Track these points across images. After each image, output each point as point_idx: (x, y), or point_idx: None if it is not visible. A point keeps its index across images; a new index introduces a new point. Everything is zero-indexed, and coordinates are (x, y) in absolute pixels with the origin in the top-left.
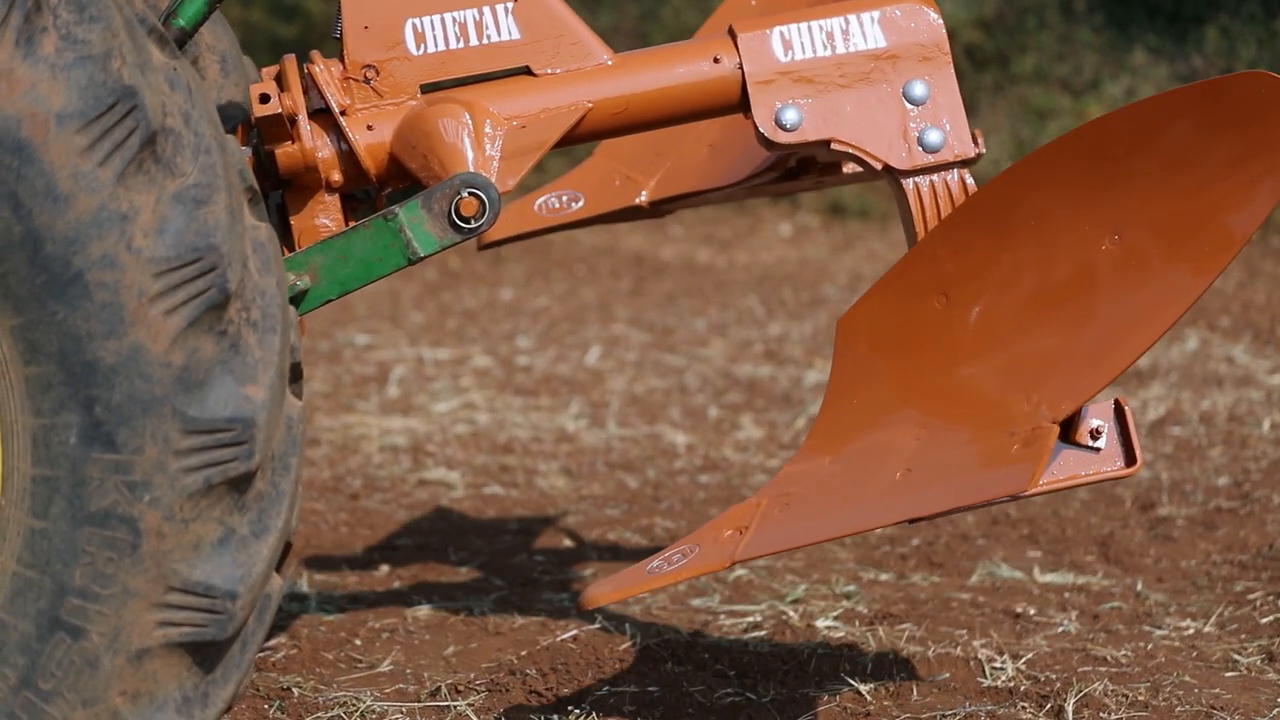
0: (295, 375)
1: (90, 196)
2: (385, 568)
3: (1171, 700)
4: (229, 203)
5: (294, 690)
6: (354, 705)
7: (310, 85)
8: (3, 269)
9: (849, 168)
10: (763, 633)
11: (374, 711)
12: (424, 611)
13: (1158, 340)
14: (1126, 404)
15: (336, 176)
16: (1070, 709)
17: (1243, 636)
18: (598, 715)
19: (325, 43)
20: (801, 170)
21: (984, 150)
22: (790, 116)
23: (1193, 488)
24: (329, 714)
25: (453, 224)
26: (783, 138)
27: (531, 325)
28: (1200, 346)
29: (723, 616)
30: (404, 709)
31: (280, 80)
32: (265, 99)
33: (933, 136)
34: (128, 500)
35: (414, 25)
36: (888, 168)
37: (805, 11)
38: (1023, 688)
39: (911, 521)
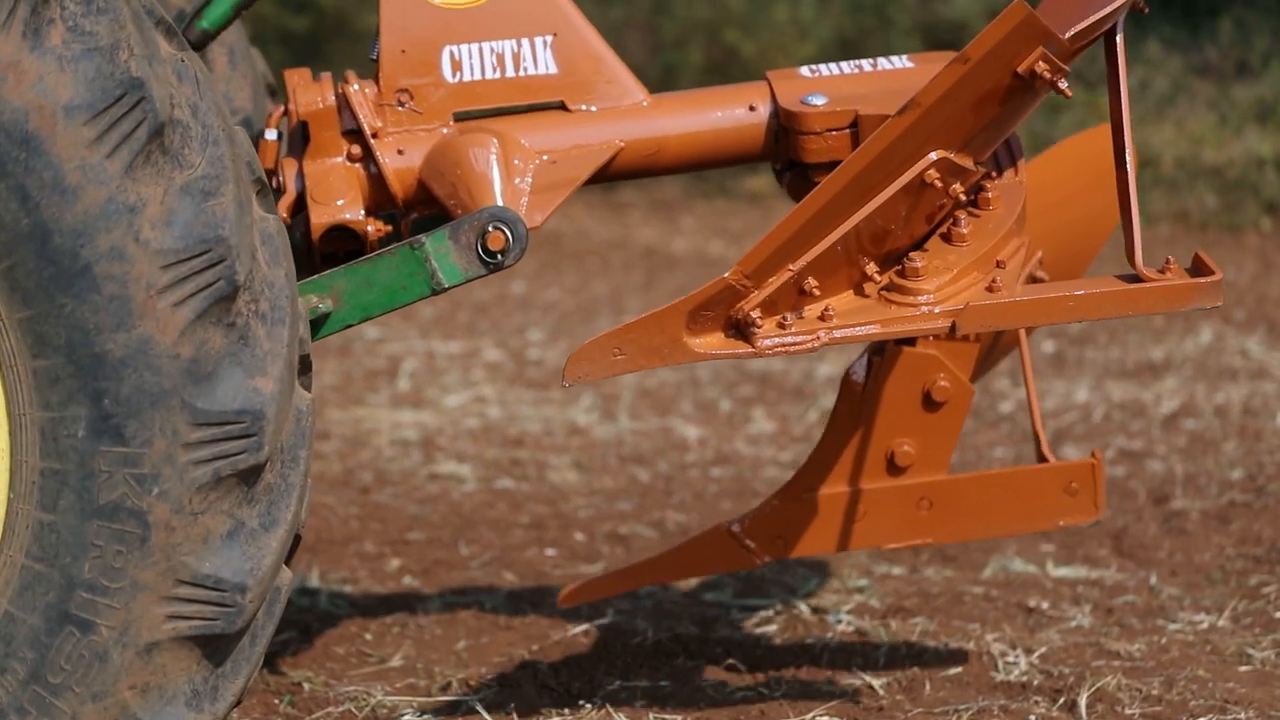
0: (304, 368)
1: (98, 188)
2: (396, 562)
3: (1185, 695)
4: (237, 194)
5: (304, 685)
6: (365, 700)
7: (344, 105)
8: (11, 262)
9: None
10: (775, 627)
11: (385, 706)
12: (435, 606)
13: None
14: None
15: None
16: (1084, 703)
17: (1257, 630)
18: (610, 709)
19: (335, 38)
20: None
21: None
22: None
23: (1206, 481)
24: (339, 709)
25: (479, 257)
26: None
27: (543, 318)
28: (1214, 340)
29: (735, 611)
30: (415, 704)
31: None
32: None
33: None
34: (136, 493)
35: (451, 52)
36: None
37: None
38: (1036, 682)
39: None
